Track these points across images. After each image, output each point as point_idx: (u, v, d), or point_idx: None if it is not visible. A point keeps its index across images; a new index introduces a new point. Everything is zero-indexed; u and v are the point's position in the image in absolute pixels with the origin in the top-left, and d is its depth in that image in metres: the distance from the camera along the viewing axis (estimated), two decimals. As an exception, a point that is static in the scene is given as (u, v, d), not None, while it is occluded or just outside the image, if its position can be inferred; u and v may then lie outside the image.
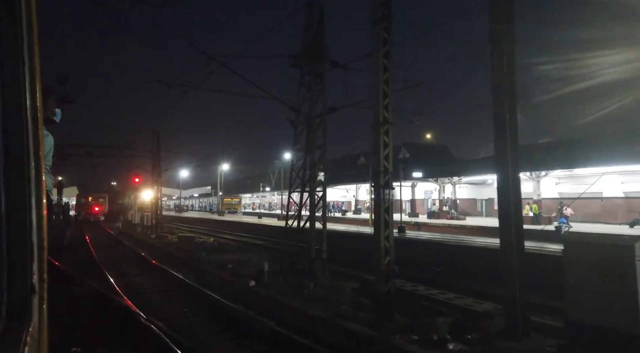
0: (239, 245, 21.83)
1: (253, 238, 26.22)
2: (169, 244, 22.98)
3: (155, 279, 12.87)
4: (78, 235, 30.90)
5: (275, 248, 20.47)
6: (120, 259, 17.16)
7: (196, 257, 16.92)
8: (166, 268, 13.75)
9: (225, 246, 20.64)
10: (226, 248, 19.95)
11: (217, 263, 15.09)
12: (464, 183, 39.33)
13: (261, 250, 20.03)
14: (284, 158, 38.75)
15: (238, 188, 69.81)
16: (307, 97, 12.94)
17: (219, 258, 16.29)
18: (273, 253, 17.98)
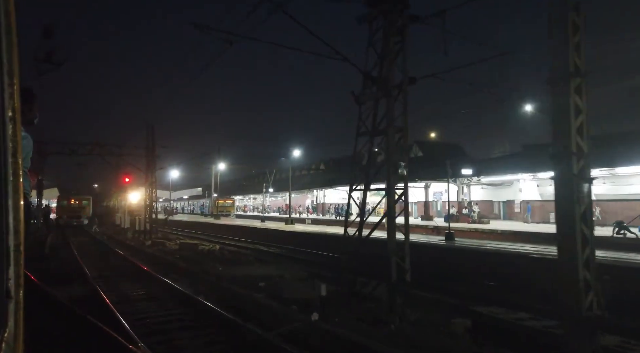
0: (254, 254, 18.77)
1: (265, 245, 23.12)
2: (170, 253, 19.80)
3: (172, 305, 9.78)
4: (61, 242, 27.44)
5: (300, 259, 17.49)
6: (118, 274, 13.97)
7: (210, 271, 13.83)
8: (181, 289, 10.67)
9: (240, 256, 17.56)
10: (241, 258, 16.88)
11: (242, 280, 12.06)
12: (478, 184, 36.79)
13: (283, 260, 17.00)
14: (292, 156, 35.62)
15: (231, 189, 66.47)
16: (380, 61, 10.02)
17: (240, 273, 13.24)
18: (303, 266, 14.99)
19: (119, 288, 11.55)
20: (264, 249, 22.02)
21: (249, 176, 72.54)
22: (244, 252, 19.73)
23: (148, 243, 24.74)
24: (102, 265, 16.34)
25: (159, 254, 19.22)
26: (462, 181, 33.75)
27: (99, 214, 53.59)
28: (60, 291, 10.45)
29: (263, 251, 21.04)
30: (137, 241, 26.58)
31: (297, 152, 34.36)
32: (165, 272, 13.67)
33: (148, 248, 22.32)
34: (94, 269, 14.77)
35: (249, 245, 23.75)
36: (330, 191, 56.19)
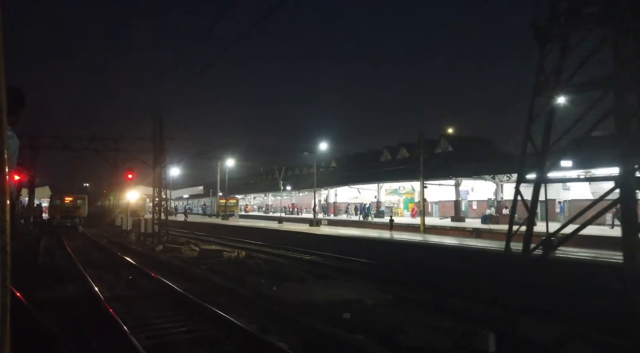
0: (291, 263, 15.49)
1: (298, 252, 19.82)
2: (191, 262, 16.48)
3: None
4: (56, 246, 23.99)
5: (359, 271, 14.27)
6: (140, 295, 10.66)
7: (262, 291, 10.56)
8: (243, 326, 7.40)
9: (282, 269, 14.25)
10: (286, 271, 13.57)
11: (311, 307, 8.84)
12: (510, 182, 33.70)
13: (340, 274, 13.73)
14: (317, 150, 32.21)
15: (235, 188, 62.97)
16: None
17: (303, 297, 9.99)
18: (373, 283, 11.75)
19: (149, 322, 8.25)
20: (299, 256, 18.77)
21: (254, 174, 69.13)
22: (281, 262, 16.46)
23: (159, 248, 21.38)
24: (112, 279, 13.01)
25: (178, 264, 15.89)
26: (502, 178, 30.68)
27: (92, 214, 49.92)
28: (68, 332, 7.14)
29: (302, 260, 17.79)
30: (144, 245, 23.20)
31: (324, 145, 31.05)
32: (203, 293, 10.39)
33: (161, 255, 18.98)
34: (104, 286, 11.45)
35: (278, 252, 20.47)
36: (343, 189, 53.09)
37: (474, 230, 27.39)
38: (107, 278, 13.29)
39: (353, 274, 13.59)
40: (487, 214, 30.65)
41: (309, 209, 64.21)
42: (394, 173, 38.45)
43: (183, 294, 10.03)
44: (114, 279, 13.09)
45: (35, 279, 12.55)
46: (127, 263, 16.21)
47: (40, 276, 13.08)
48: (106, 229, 38.32)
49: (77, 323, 7.98)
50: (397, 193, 46.74)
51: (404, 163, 42.11)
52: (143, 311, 9.03)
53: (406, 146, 43.97)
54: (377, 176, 40.59)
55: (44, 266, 15.41)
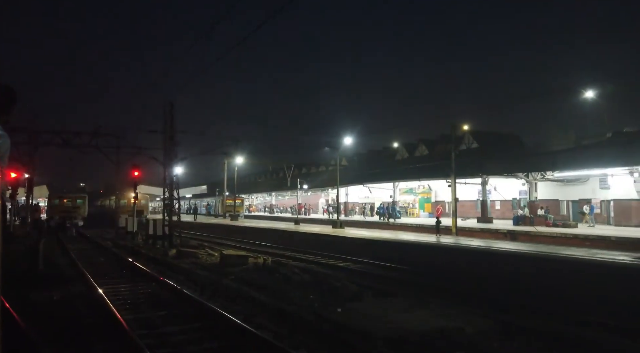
0: (344, 276, 13.32)
1: (331, 258, 17.63)
2: (214, 269, 14.33)
3: None
4: (57, 249, 21.84)
5: (421, 284, 12.14)
6: (171, 318, 8.51)
7: (321, 313, 8.45)
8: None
9: (326, 279, 12.12)
10: (332, 282, 11.43)
11: (403, 341, 6.72)
12: (543, 181, 31.71)
13: (404, 287, 11.60)
14: (342, 144, 29.87)
15: (240, 187, 60.65)
16: None
17: (380, 323, 7.87)
18: (451, 301, 9.65)
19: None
20: (332, 263, 16.62)
21: (259, 173, 66.87)
22: (319, 270, 14.32)
23: (172, 253, 19.23)
24: (130, 294, 10.85)
25: (202, 273, 13.73)
26: (536, 176, 28.61)
27: (92, 215, 47.68)
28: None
29: (336, 267, 15.63)
30: (155, 249, 21.04)
31: (348, 140, 28.79)
32: (247, 315, 8.28)
33: (177, 261, 16.82)
34: (124, 306, 9.31)
35: (306, 257, 18.34)
36: (354, 188, 50.92)
37: (509, 232, 25.30)
38: (122, 291, 11.14)
39: (413, 287, 11.47)
40: (520, 215, 28.58)
41: (315, 209, 62.09)
42: (414, 171, 36.36)
43: (222, 315, 7.88)
44: (131, 293, 10.94)
45: (37, 292, 10.42)
46: (141, 271, 14.06)
47: (42, 288, 10.95)
48: (108, 230, 36.17)
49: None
50: (413, 193, 44.63)
51: (422, 161, 40.03)
52: (179, 344, 6.88)
53: (425, 143, 41.91)
54: (397, 174, 38.47)
55: (45, 275, 13.23)
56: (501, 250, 15.47)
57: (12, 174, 27.74)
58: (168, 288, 11.38)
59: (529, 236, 24.08)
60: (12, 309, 7.73)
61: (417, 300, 9.49)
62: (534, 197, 29.32)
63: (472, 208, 38.84)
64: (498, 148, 33.00)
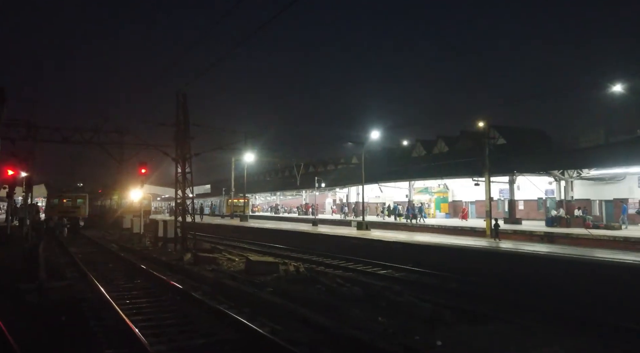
0: (399, 288, 11.44)
1: (366, 264, 15.69)
2: (245, 280, 12.42)
3: None
4: (59, 254, 19.90)
5: (528, 306, 10.27)
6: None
7: (402, 341, 6.59)
8: None
9: (382, 292, 10.25)
10: (393, 297, 9.58)
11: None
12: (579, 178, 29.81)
13: (488, 305, 9.72)
14: (369, 139, 27.82)
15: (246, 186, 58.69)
16: None
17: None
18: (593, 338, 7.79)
19: None
20: (370, 270, 14.75)
21: (265, 171, 64.92)
22: (366, 281, 12.43)
23: (187, 258, 17.32)
24: (154, 314, 8.96)
25: (231, 283, 11.81)
26: (572, 174, 26.77)
27: (92, 215, 45.66)
28: None
29: (377, 275, 13.74)
30: (167, 253, 19.14)
31: (375, 134, 26.81)
32: (313, 347, 6.43)
33: (195, 267, 14.90)
34: (150, 332, 7.42)
35: (338, 263, 16.48)
36: (365, 188, 49.02)
37: (545, 235, 23.46)
38: (147, 312, 9.24)
39: (492, 304, 9.58)
40: (555, 216, 26.74)
41: (321, 209, 60.02)
42: (433, 169, 34.55)
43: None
44: (157, 314, 9.03)
45: (40, 316, 8.52)
46: (160, 281, 12.16)
47: (44, 308, 9.05)
48: (110, 231, 34.25)
49: None
50: (428, 192, 42.79)
51: (441, 158, 38.25)
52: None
53: (445, 139, 40.05)
54: (414, 173, 36.55)
55: (47, 288, 11.31)
56: (566, 257, 13.62)
57: (9, 171, 25.76)
58: (196, 303, 9.51)
59: (570, 238, 22.26)
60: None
61: (521, 328, 7.61)
62: (569, 196, 27.50)
63: (492, 208, 37.04)
64: (525, 145, 31.21)
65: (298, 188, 48.20)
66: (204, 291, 10.88)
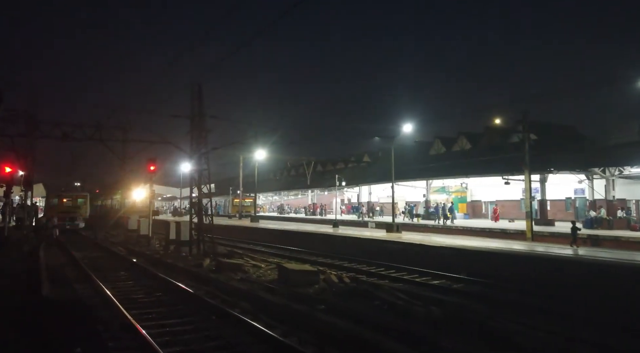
0: (507, 315, 9.62)
1: (412, 273, 13.81)
2: (284, 293, 10.58)
3: None
4: (62, 258, 18.02)
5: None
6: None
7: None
8: None
9: (463, 313, 8.43)
10: (483, 320, 7.75)
11: None
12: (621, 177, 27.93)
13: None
14: (401, 132, 25.89)
15: (251, 185, 56.83)
16: None
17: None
18: None
19: None
20: (420, 280, 12.92)
21: (272, 170, 63.03)
22: (431, 295, 10.60)
23: (207, 264, 15.49)
24: (192, 342, 7.11)
25: (271, 299, 9.95)
26: (613, 172, 24.99)
27: (92, 216, 43.76)
28: None
29: (431, 286, 11.89)
30: (182, 259, 17.28)
31: (408, 127, 24.93)
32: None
33: (220, 275, 13.05)
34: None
35: (378, 271, 14.66)
36: (377, 187, 47.27)
37: (589, 238, 21.67)
38: (183, 339, 7.39)
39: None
40: (595, 217, 24.93)
41: (328, 209, 58.05)
42: (456, 167, 32.74)
43: None
44: (196, 342, 7.18)
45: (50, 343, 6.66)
46: (185, 295, 10.31)
47: (53, 338, 7.18)
48: (113, 233, 32.41)
49: None
50: (445, 191, 40.96)
51: (463, 156, 36.50)
52: None
53: (467, 136, 38.26)
54: (433, 171, 34.67)
55: (53, 306, 9.43)
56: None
57: (6, 168, 23.84)
58: (240, 326, 7.68)
59: (618, 242, 20.48)
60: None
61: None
62: (610, 196, 25.69)
63: (513, 209, 35.26)
64: (556, 141, 29.41)
65: (308, 186, 46.30)
66: (242, 308, 9.03)
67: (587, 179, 28.54)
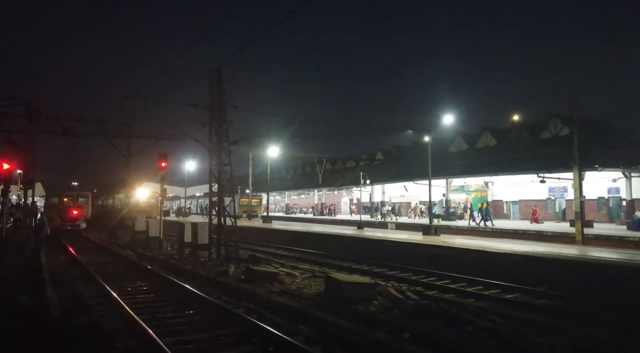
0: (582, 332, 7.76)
1: (472, 283, 11.94)
2: (341, 312, 8.71)
3: None
4: (68, 265, 16.11)
5: None
6: None
7: None
8: None
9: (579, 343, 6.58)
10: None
11: None
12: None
13: None
14: (441, 124, 23.64)
15: (257, 184, 54.91)
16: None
17: None
18: None
19: None
20: (487, 293, 11.07)
21: (282, 168, 61.16)
22: (517, 315, 8.75)
23: (233, 271, 13.62)
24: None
25: (340, 323, 8.05)
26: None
27: (92, 216, 41.82)
28: None
29: (505, 300, 10.02)
30: (201, 265, 15.37)
31: (449, 119, 22.84)
32: None
33: (252, 286, 11.17)
34: None
35: (430, 281, 12.80)
36: (388, 186, 45.49)
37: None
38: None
39: None
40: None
41: (336, 209, 56.11)
42: (481, 165, 31.01)
43: None
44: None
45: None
46: (221, 313, 8.44)
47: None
48: (117, 234, 30.48)
49: None
50: (465, 191, 39.18)
51: (488, 152, 34.68)
52: None
53: (492, 131, 36.45)
54: (456, 169, 32.81)
55: (67, 330, 7.53)
56: None
57: (4, 165, 21.88)
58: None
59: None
60: None
61: None
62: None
63: (540, 209, 33.46)
64: (591, 136, 27.64)
65: (320, 185, 44.43)
66: (304, 335, 7.16)
67: (625, 178, 26.79)
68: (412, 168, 37.51)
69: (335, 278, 10.46)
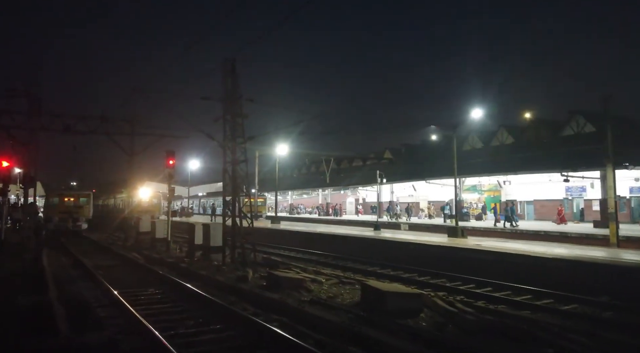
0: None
1: (525, 294, 10.81)
2: (409, 332, 7.61)
3: None
4: (72, 270, 14.98)
5: None
6: None
7: None
8: None
9: None
10: None
11: None
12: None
13: None
14: (470, 119, 22.27)
15: (262, 183, 53.78)
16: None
17: None
18: None
19: None
20: (543, 303, 9.99)
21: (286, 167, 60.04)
22: (587, 329, 7.67)
23: (252, 277, 12.52)
24: None
25: (387, 341, 6.96)
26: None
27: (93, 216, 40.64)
28: None
29: (582, 317, 8.93)
30: (215, 269, 14.26)
31: (477, 113, 21.54)
32: None
33: (281, 296, 10.05)
34: None
35: (465, 287, 11.73)
36: (397, 186, 44.37)
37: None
38: None
39: None
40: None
41: (341, 209, 54.94)
42: (498, 164, 29.95)
43: None
44: None
45: None
46: (261, 330, 7.34)
47: None
48: (119, 235, 29.44)
49: None
50: (477, 190, 38.07)
51: (504, 150, 33.62)
52: None
53: (508, 129, 35.32)
54: (471, 167, 31.67)
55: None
56: None
57: (4, 163, 20.75)
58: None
59: None
60: None
61: None
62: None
63: (553, 209, 32.34)
64: (620, 134, 26.63)
65: (328, 185, 43.30)
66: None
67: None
68: (423, 167, 36.43)
69: (375, 287, 9.35)
